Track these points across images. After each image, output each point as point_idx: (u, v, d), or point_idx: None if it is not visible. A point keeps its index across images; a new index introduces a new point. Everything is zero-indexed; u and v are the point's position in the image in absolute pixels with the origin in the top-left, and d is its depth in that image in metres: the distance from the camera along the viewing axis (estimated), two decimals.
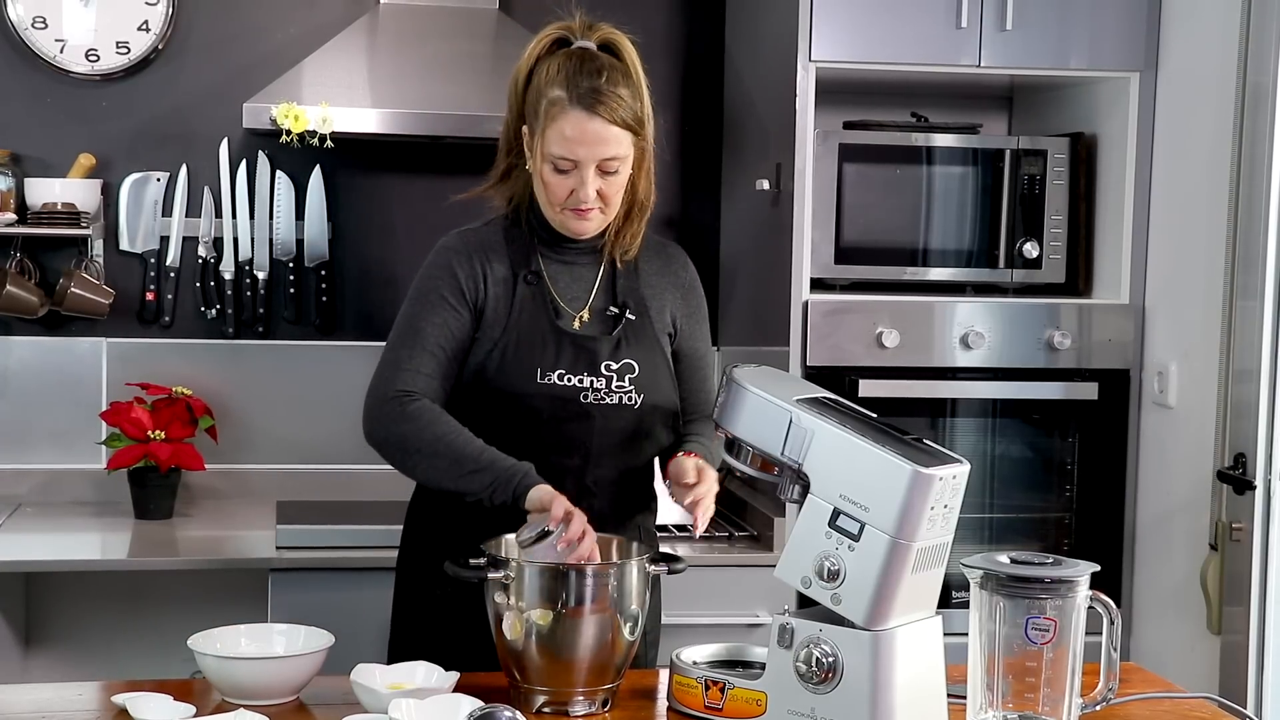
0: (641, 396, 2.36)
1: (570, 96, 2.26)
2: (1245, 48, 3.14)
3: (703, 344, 2.52)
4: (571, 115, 2.26)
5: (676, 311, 2.47)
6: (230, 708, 2.02)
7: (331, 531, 3.24)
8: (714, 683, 2.06)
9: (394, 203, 3.83)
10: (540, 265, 2.38)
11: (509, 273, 2.37)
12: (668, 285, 2.47)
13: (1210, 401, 3.23)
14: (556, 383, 2.32)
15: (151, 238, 3.72)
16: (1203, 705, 2.21)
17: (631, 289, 2.42)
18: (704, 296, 2.54)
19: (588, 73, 2.27)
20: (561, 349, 2.34)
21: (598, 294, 2.40)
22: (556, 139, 2.27)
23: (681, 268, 2.51)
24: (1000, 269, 3.55)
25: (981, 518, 3.55)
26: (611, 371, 2.35)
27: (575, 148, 2.27)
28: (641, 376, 2.37)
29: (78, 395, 3.70)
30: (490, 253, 2.38)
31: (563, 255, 2.40)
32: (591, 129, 2.26)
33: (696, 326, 2.51)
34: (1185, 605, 3.33)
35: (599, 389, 2.34)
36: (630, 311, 2.40)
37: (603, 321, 2.39)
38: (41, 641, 3.69)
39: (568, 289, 2.39)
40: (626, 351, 2.37)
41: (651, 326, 2.42)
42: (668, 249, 2.52)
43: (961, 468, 1.96)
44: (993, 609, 1.93)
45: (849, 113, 3.68)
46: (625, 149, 2.30)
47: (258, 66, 3.69)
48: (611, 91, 2.27)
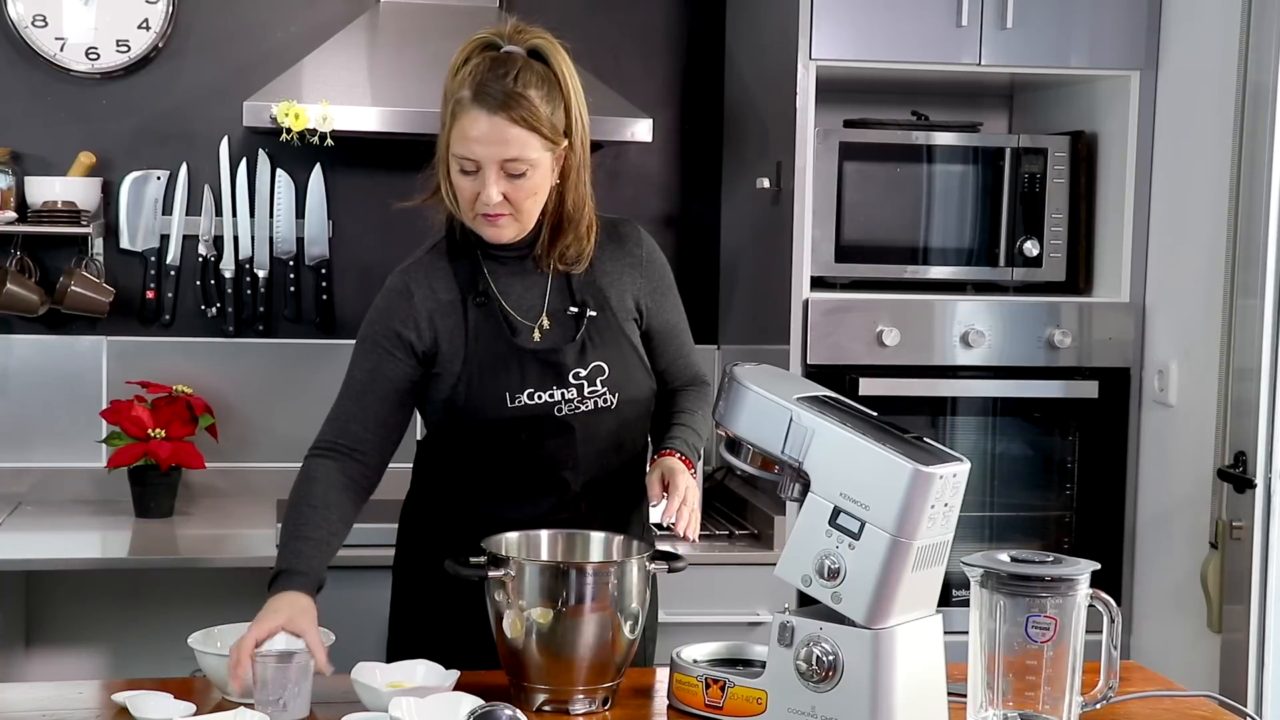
0: (617, 396, 2.32)
1: (473, 94, 2.20)
2: (1246, 46, 3.14)
3: (673, 314, 2.44)
4: (471, 113, 2.20)
5: (640, 291, 2.39)
6: (230, 706, 2.02)
7: None
8: (714, 681, 2.06)
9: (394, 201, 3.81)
10: (489, 283, 2.32)
11: (458, 295, 2.31)
12: (624, 268, 2.39)
13: (1210, 400, 3.23)
14: (528, 403, 2.28)
15: (152, 236, 3.72)
16: (1203, 703, 2.21)
17: (588, 283, 2.35)
18: (665, 265, 2.45)
19: (498, 73, 2.21)
20: (526, 368, 2.28)
21: (552, 296, 2.34)
22: (459, 138, 2.22)
23: (635, 244, 2.41)
24: (1000, 267, 3.55)
25: (982, 516, 3.55)
26: (580, 379, 2.30)
27: (474, 146, 2.20)
28: (613, 375, 2.32)
29: (78, 394, 3.71)
30: (435, 283, 2.32)
31: (508, 265, 2.33)
32: (492, 128, 2.19)
33: (663, 299, 2.42)
34: (1185, 604, 3.33)
35: (571, 399, 2.30)
36: (590, 308, 2.33)
37: (563, 324, 2.32)
38: (42, 640, 3.69)
39: (521, 299, 2.33)
40: (593, 354, 2.31)
41: (615, 319, 2.35)
42: (619, 229, 2.42)
43: (962, 466, 1.96)
44: (993, 607, 1.93)
45: (849, 111, 3.67)
46: (532, 152, 2.21)
47: (258, 65, 3.69)
48: (518, 93, 2.19)
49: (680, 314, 2.47)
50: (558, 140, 2.24)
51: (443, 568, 2.11)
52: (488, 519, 2.27)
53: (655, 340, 2.43)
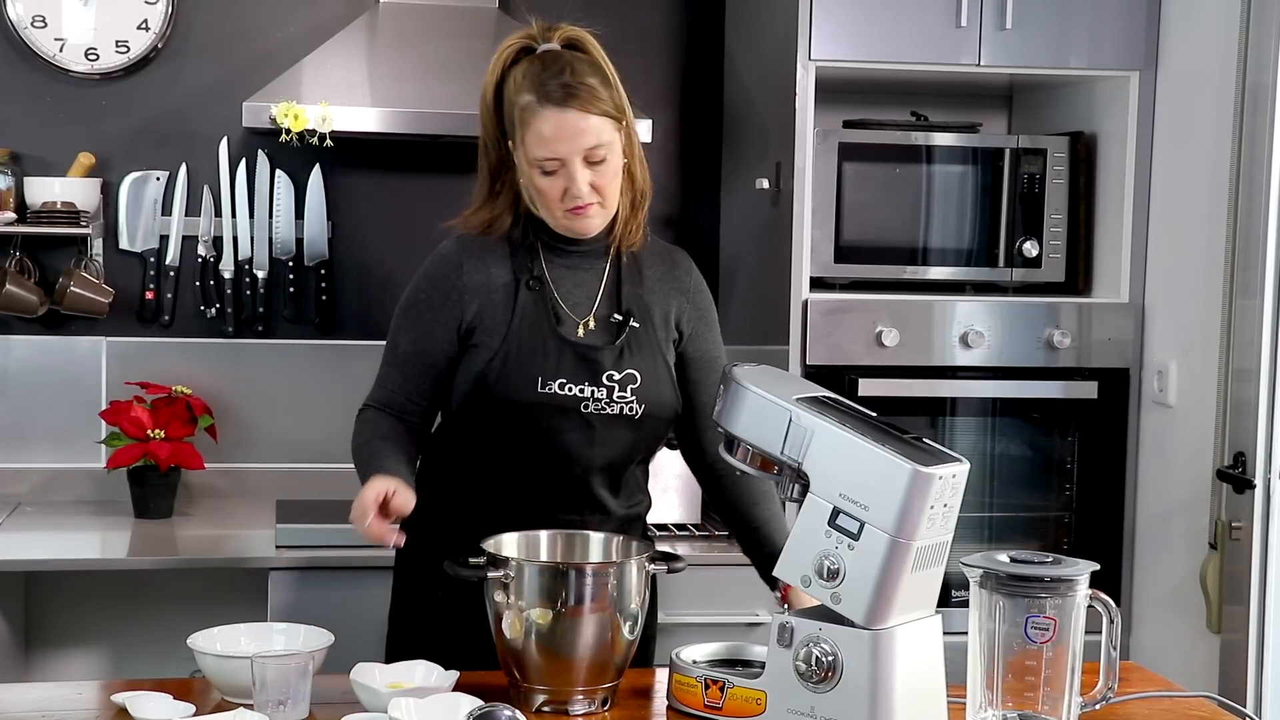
0: (643, 407, 2.34)
1: (540, 96, 2.25)
2: (1245, 46, 3.14)
3: (714, 348, 2.48)
4: (545, 114, 2.24)
5: (682, 316, 2.44)
6: (230, 707, 2.02)
7: (331, 531, 3.24)
8: (714, 682, 2.06)
9: (394, 202, 3.82)
10: (544, 270, 2.36)
11: (511, 278, 2.35)
12: (671, 290, 2.44)
13: (1210, 400, 3.23)
14: (558, 392, 2.30)
15: (151, 237, 3.72)
16: (1202, 704, 2.21)
17: (635, 295, 2.39)
18: (711, 302, 2.51)
19: (553, 71, 2.26)
20: (563, 358, 2.31)
21: (602, 301, 2.38)
22: (536, 141, 2.26)
23: (685, 273, 2.48)
24: (1000, 268, 3.55)
25: (981, 517, 3.55)
26: (614, 382, 2.32)
27: (556, 145, 2.25)
28: (643, 386, 2.34)
29: (77, 394, 3.70)
30: (490, 258, 2.36)
31: (567, 259, 2.38)
32: (568, 122, 2.24)
33: (706, 331, 2.47)
34: (1185, 604, 3.33)
35: (600, 399, 2.32)
36: (634, 319, 2.37)
37: (606, 329, 2.36)
38: (41, 641, 3.69)
39: (570, 294, 2.37)
40: (629, 361, 2.34)
41: (655, 334, 2.39)
42: (673, 254, 2.50)
43: (961, 467, 1.95)
44: (992, 608, 1.93)
45: (849, 111, 3.67)
46: (607, 136, 2.27)
47: (257, 65, 3.69)
48: (580, 83, 2.25)
49: (721, 351, 2.50)
50: (623, 118, 2.31)
51: (442, 568, 2.11)
52: (489, 518, 2.27)
53: (692, 369, 2.45)
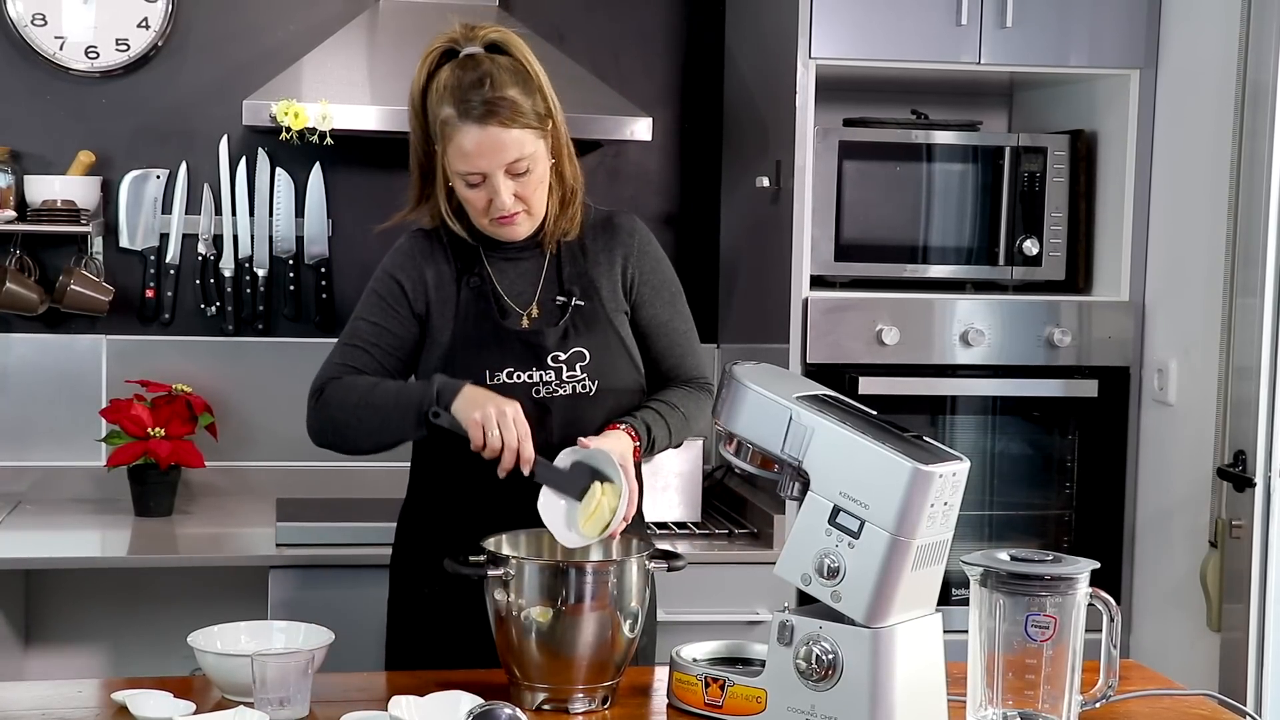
0: (595, 383, 2.34)
1: (459, 112, 2.24)
2: (1245, 45, 3.14)
3: (665, 311, 2.44)
4: (465, 129, 2.24)
5: (630, 280, 2.41)
6: (230, 705, 2.02)
7: (331, 529, 3.24)
8: (714, 680, 2.06)
9: (394, 200, 3.80)
10: (484, 266, 2.37)
11: (453, 275, 2.37)
12: (616, 257, 2.41)
13: (1210, 399, 3.23)
14: (506, 381, 2.31)
15: (151, 235, 3.72)
16: (1202, 702, 2.21)
17: (578, 274, 2.38)
18: (661, 260, 2.46)
19: (471, 84, 2.24)
20: (508, 348, 2.32)
21: (545, 287, 2.38)
22: (458, 156, 2.26)
23: (628, 235, 2.43)
24: (1000, 266, 3.55)
25: (981, 515, 3.55)
26: (560, 362, 2.32)
27: (477, 160, 2.25)
28: (593, 363, 2.34)
29: (77, 392, 3.71)
30: (435, 256, 2.38)
31: (505, 253, 2.38)
32: (489, 138, 2.23)
33: (654, 293, 2.43)
34: (1185, 602, 3.33)
35: (549, 381, 2.32)
36: (578, 297, 2.36)
37: (551, 312, 2.36)
38: (41, 639, 3.69)
39: (513, 285, 2.37)
40: (575, 339, 2.34)
41: (603, 309, 2.37)
42: (613, 219, 2.45)
43: (961, 465, 1.96)
44: (993, 606, 1.93)
45: (849, 110, 3.67)
46: (530, 148, 2.26)
47: (257, 63, 3.69)
48: (499, 97, 2.23)
49: (675, 313, 2.46)
50: (545, 127, 2.29)
51: (441, 566, 2.11)
52: (482, 517, 2.26)
53: (648, 337, 2.43)
